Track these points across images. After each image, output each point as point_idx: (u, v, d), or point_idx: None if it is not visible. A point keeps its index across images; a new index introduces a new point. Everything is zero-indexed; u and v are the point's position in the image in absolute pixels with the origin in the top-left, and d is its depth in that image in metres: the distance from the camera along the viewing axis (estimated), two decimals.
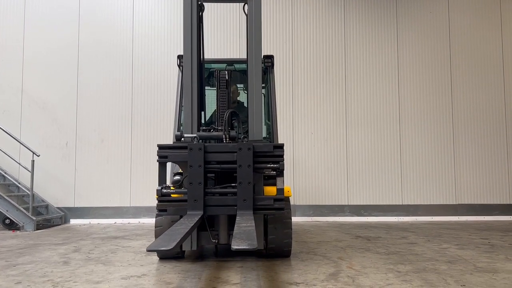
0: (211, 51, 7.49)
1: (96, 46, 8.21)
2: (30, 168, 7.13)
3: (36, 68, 8.13)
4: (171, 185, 3.58)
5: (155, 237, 3.89)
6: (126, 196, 7.95)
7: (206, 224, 3.69)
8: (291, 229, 3.95)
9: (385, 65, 8.48)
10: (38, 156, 7.28)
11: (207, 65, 4.86)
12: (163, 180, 3.47)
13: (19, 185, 7.61)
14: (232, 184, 3.50)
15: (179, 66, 4.74)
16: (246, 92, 4.09)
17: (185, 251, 4.09)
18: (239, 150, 3.37)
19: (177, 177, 3.59)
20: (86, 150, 8.02)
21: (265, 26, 8.21)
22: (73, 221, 7.85)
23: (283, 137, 7.85)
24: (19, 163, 7.41)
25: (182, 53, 3.84)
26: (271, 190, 3.60)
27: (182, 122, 4.14)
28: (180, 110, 4.59)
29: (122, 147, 8.06)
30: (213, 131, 3.74)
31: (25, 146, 7.33)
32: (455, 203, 8.27)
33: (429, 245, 4.85)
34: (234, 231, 2.73)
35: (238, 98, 5.20)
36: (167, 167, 3.60)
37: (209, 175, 3.53)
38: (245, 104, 4.68)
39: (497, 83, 8.59)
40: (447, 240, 5.28)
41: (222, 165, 3.43)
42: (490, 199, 8.33)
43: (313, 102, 8.31)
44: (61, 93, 8.10)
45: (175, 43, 8.22)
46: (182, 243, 2.70)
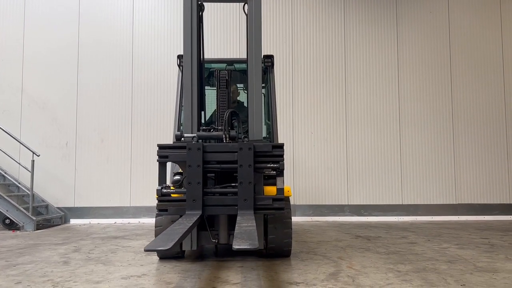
0: (211, 51, 7.49)
1: (96, 46, 8.21)
2: (30, 168, 7.14)
3: (36, 68, 8.13)
4: (171, 185, 3.58)
5: (155, 237, 3.89)
6: (126, 196, 7.95)
7: (206, 224, 3.69)
8: (291, 228, 3.95)
9: (385, 65, 8.48)
10: (38, 156, 7.28)
11: (207, 65, 4.86)
12: (163, 180, 3.47)
13: (19, 185, 7.61)
14: (232, 184, 3.50)
15: (179, 66, 4.74)
16: (246, 92, 4.09)
17: (185, 251, 4.09)
18: (240, 150, 3.37)
19: (177, 177, 3.58)
20: (86, 150, 8.02)
21: (265, 26, 8.21)
22: (73, 221, 7.85)
23: (283, 137, 7.85)
24: (19, 163, 7.41)
25: (182, 53, 3.84)
26: (271, 190, 3.60)
27: (182, 122, 4.14)
28: (180, 110, 4.59)
29: (122, 147, 8.06)
30: (213, 131, 3.73)
31: (25, 146, 7.33)
32: (455, 202, 8.27)
33: (429, 244, 4.85)
34: (235, 231, 2.72)
35: (238, 98, 5.20)
36: (167, 167, 3.60)
37: (209, 175, 3.53)
38: (245, 104, 4.67)
39: (497, 83, 8.60)
40: (447, 239, 5.28)
41: (222, 165, 3.43)
42: (490, 198, 8.34)
43: (313, 102, 8.31)
44: (61, 93, 8.10)
45: (175, 43, 8.22)
46: (180, 243, 2.69)
